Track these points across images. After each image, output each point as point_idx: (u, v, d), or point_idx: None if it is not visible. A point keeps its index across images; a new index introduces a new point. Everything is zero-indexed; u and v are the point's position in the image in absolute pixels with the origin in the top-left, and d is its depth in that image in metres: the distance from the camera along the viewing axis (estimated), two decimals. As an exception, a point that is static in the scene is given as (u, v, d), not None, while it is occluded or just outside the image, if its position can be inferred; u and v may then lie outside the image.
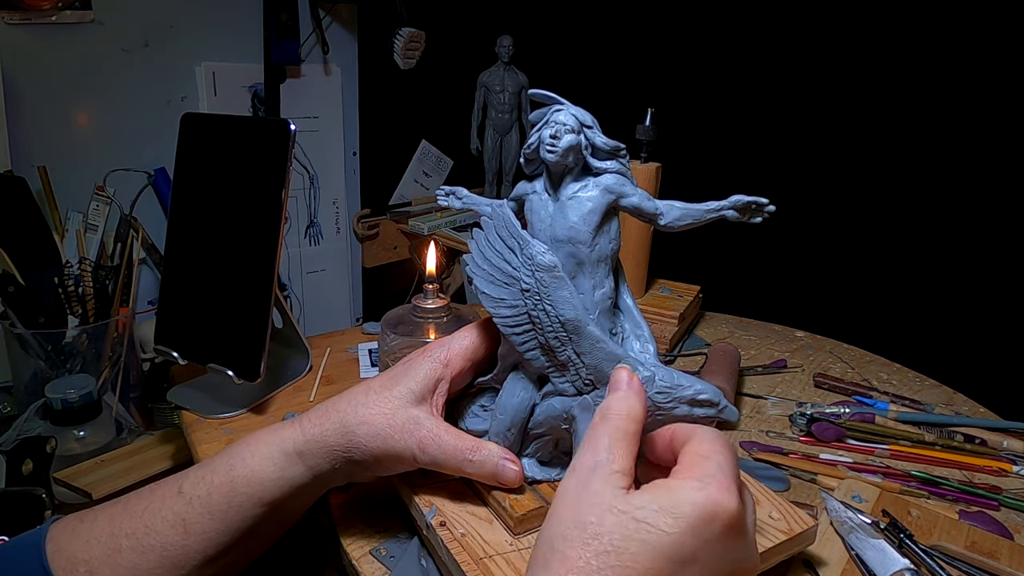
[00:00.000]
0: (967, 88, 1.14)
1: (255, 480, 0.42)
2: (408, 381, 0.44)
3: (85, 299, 0.88)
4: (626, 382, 0.37)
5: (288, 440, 0.43)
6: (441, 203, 0.48)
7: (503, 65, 1.34)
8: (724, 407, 0.37)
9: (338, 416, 0.43)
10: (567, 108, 0.40)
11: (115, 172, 1.06)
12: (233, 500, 0.42)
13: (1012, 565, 0.49)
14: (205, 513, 0.41)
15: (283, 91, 1.28)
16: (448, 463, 0.42)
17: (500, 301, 0.41)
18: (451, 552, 0.41)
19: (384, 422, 0.42)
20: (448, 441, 0.42)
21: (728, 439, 0.35)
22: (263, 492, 0.42)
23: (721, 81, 1.42)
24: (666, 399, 0.38)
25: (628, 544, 0.30)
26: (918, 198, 1.22)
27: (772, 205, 0.38)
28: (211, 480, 0.42)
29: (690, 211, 0.40)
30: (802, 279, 1.29)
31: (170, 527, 0.41)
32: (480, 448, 0.42)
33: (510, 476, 0.42)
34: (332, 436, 0.42)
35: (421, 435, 0.42)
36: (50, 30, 1.01)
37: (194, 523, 0.41)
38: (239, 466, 0.42)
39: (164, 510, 0.42)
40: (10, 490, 0.65)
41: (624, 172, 0.41)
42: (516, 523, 0.42)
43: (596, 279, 0.41)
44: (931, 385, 0.80)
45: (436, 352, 0.45)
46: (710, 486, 0.32)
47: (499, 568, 0.40)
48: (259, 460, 0.42)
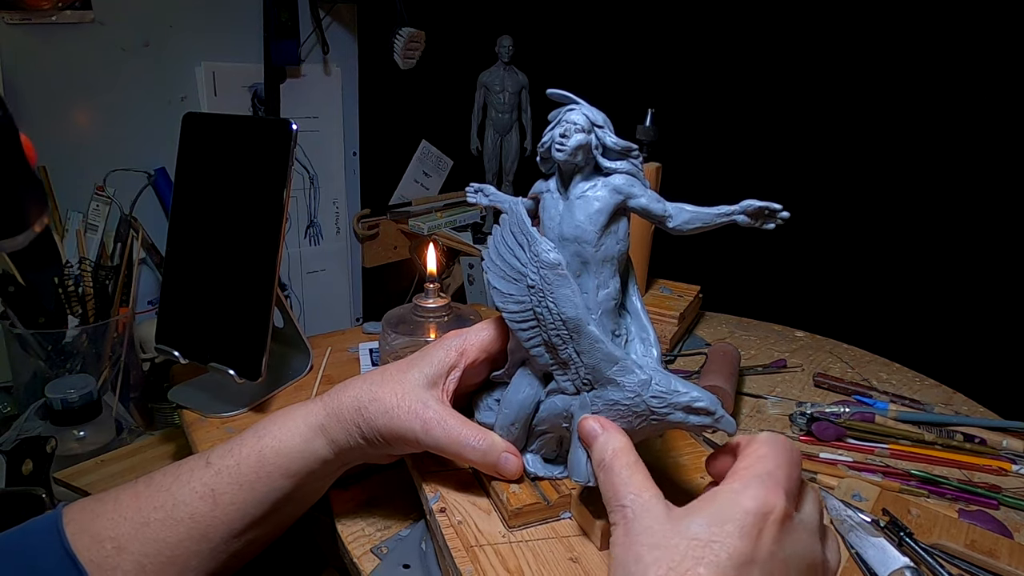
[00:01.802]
0: (967, 88, 1.14)
1: (283, 451, 0.43)
2: (423, 366, 0.45)
3: (85, 299, 0.88)
4: (599, 428, 0.39)
5: (312, 414, 0.45)
6: (470, 199, 0.48)
7: (503, 65, 1.34)
8: (720, 417, 0.37)
9: (354, 391, 0.45)
10: (580, 108, 0.41)
11: (115, 172, 1.07)
12: (262, 470, 0.43)
13: (1012, 564, 0.49)
14: (234, 483, 0.42)
15: (283, 91, 1.28)
16: (450, 447, 0.43)
17: (509, 296, 0.41)
18: (445, 537, 0.42)
19: (394, 400, 0.43)
20: (453, 426, 0.43)
21: (790, 444, 0.35)
22: (290, 463, 0.43)
23: (721, 81, 1.42)
24: (661, 404, 0.37)
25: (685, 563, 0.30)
26: (918, 199, 1.22)
27: (786, 211, 0.37)
28: (239, 452, 0.44)
29: (700, 215, 0.40)
30: (802, 279, 1.29)
31: (199, 498, 0.42)
32: (484, 437, 0.43)
33: (511, 468, 0.43)
34: (347, 410, 0.44)
35: (427, 416, 0.43)
36: (50, 30, 1.01)
37: (223, 493, 0.42)
38: (267, 437, 0.44)
39: (193, 481, 0.43)
40: (10, 490, 0.65)
41: (635, 173, 0.41)
42: (511, 516, 0.42)
43: (600, 279, 0.41)
44: (931, 385, 0.80)
45: (453, 341, 0.46)
46: (751, 487, 0.32)
47: (487, 557, 0.40)
48: (287, 432, 0.44)
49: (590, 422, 0.39)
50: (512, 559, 0.40)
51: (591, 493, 0.41)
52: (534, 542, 0.41)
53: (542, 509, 0.43)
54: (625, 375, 0.38)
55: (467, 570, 0.39)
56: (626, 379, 0.38)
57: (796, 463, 0.35)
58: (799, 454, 0.35)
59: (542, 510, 0.43)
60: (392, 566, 0.47)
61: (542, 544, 0.41)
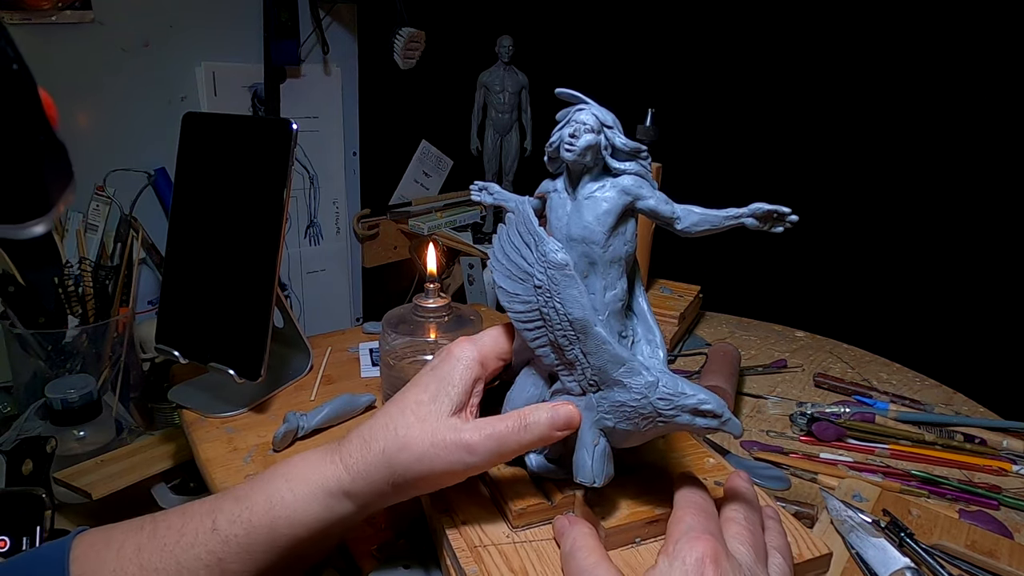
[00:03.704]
0: (967, 88, 1.14)
1: (298, 522, 0.40)
2: (445, 393, 0.41)
3: (85, 299, 0.88)
4: (566, 522, 0.39)
5: (332, 480, 0.41)
6: (474, 198, 0.48)
7: (503, 65, 1.34)
8: (727, 419, 0.37)
9: (379, 446, 0.40)
10: (590, 108, 0.40)
11: (115, 172, 1.07)
12: (275, 542, 0.40)
13: (1012, 564, 0.49)
14: (243, 554, 0.40)
15: (283, 91, 1.28)
16: (507, 445, 0.40)
17: (515, 296, 0.41)
18: (449, 538, 0.42)
19: (425, 441, 0.40)
20: (498, 427, 0.40)
21: (689, 496, 0.39)
22: (307, 532, 0.40)
23: (721, 81, 1.42)
24: (668, 406, 0.37)
25: None
26: (918, 199, 1.22)
27: (795, 215, 0.37)
28: (249, 520, 0.40)
29: (708, 217, 0.39)
30: (802, 279, 1.29)
31: (204, 567, 0.39)
32: (528, 414, 0.40)
33: (569, 418, 0.40)
34: (376, 471, 0.40)
35: (464, 438, 0.39)
36: (50, 30, 1.01)
37: (231, 563, 0.39)
38: (279, 506, 0.40)
39: (197, 547, 0.40)
40: (10, 490, 0.64)
41: (643, 174, 0.40)
42: (515, 516, 0.42)
43: (608, 280, 0.41)
44: (931, 385, 0.80)
45: (467, 353, 0.43)
46: (680, 551, 0.35)
47: (491, 557, 0.40)
48: (302, 501, 0.40)
49: (560, 520, 0.40)
50: (516, 559, 0.40)
51: (595, 494, 0.41)
52: (538, 542, 0.41)
53: (546, 509, 0.43)
54: (632, 376, 0.38)
55: (472, 570, 0.39)
56: (633, 381, 0.38)
57: (699, 506, 0.38)
58: (703, 498, 0.39)
59: (546, 510, 0.43)
60: (392, 567, 0.47)
61: (546, 544, 0.41)
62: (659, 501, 0.41)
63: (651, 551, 0.40)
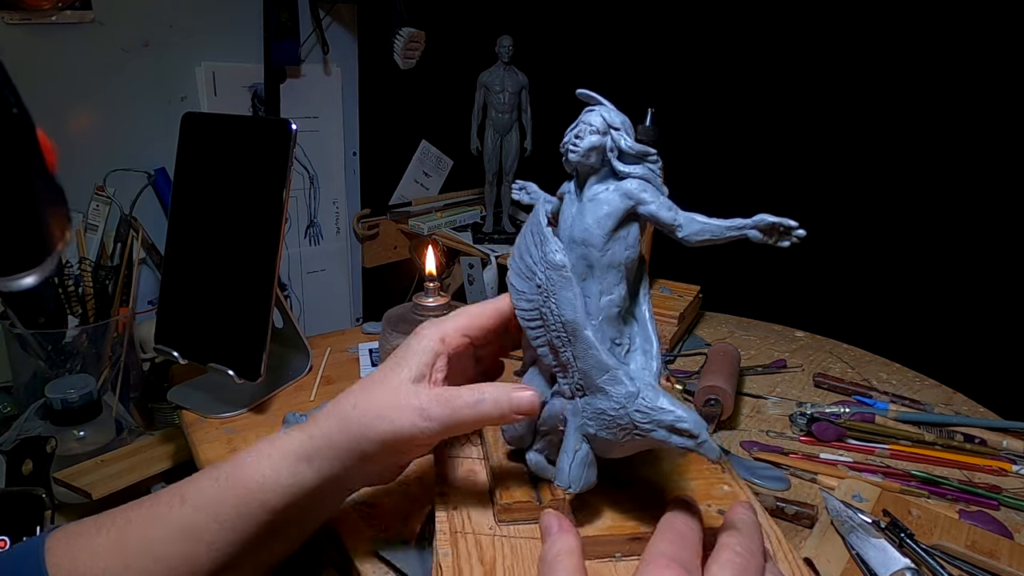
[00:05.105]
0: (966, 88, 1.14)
1: (265, 487, 0.41)
2: (406, 363, 0.43)
3: (85, 299, 0.88)
4: (556, 526, 0.38)
5: (295, 444, 0.42)
6: (514, 196, 0.48)
7: (503, 65, 1.34)
8: (703, 442, 0.35)
9: (339, 411, 0.42)
10: (599, 109, 0.40)
11: (115, 172, 1.07)
12: (242, 509, 0.40)
13: (1012, 564, 0.49)
14: (213, 523, 0.40)
15: (283, 91, 1.28)
16: (460, 415, 0.40)
17: (522, 294, 0.41)
18: (436, 519, 0.43)
19: (385, 401, 0.41)
20: (453, 395, 0.41)
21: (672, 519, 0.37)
22: (273, 498, 0.41)
23: (721, 81, 1.42)
24: (645, 419, 0.37)
25: None
26: (918, 198, 1.22)
27: (802, 229, 0.36)
28: (216, 489, 0.41)
29: (710, 227, 0.38)
30: (802, 279, 1.29)
31: (177, 539, 0.40)
32: (486, 388, 0.41)
33: (526, 402, 0.40)
34: (336, 434, 0.41)
35: (421, 402, 0.40)
36: (50, 30, 1.01)
37: (202, 533, 0.40)
38: (249, 471, 0.41)
39: (170, 521, 0.40)
40: (10, 490, 0.64)
41: (650, 178, 0.40)
42: (500, 511, 0.43)
43: (604, 285, 0.40)
44: (931, 385, 0.80)
45: (429, 331, 0.44)
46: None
47: (466, 545, 0.41)
48: (265, 467, 0.41)
49: (550, 517, 0.39)
50: (490, 551, 0.41)
51: (581, 500, 0.42)
52: (517, 539, 0.42)
53: (532, 508, 0.43)
54: (614, 385, 0.38)
55: (444, 552, 0.40)
56: (614, 389, 0.38)
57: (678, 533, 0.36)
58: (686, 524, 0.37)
59: (532, 509, 0.43)
60: (392, 567, 0.47)
61: (524, 542, 0.41)
62: (646, 519, 0.41)
63: (629, 568, 0.40)
